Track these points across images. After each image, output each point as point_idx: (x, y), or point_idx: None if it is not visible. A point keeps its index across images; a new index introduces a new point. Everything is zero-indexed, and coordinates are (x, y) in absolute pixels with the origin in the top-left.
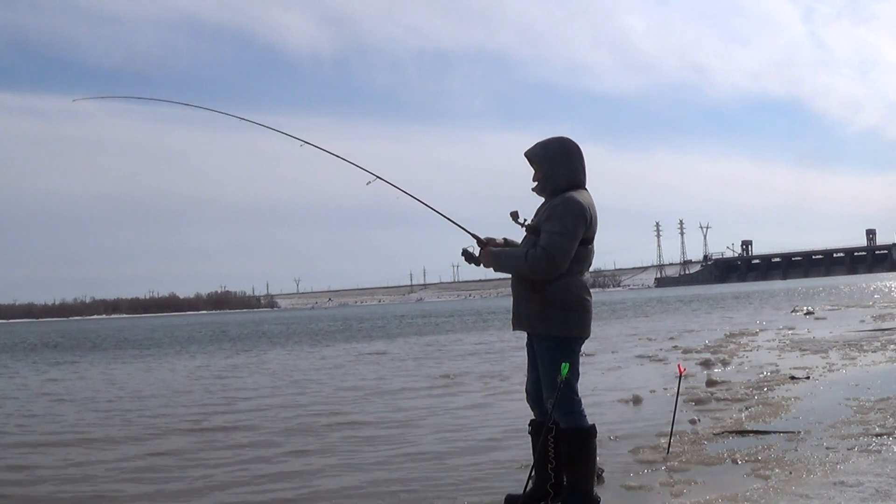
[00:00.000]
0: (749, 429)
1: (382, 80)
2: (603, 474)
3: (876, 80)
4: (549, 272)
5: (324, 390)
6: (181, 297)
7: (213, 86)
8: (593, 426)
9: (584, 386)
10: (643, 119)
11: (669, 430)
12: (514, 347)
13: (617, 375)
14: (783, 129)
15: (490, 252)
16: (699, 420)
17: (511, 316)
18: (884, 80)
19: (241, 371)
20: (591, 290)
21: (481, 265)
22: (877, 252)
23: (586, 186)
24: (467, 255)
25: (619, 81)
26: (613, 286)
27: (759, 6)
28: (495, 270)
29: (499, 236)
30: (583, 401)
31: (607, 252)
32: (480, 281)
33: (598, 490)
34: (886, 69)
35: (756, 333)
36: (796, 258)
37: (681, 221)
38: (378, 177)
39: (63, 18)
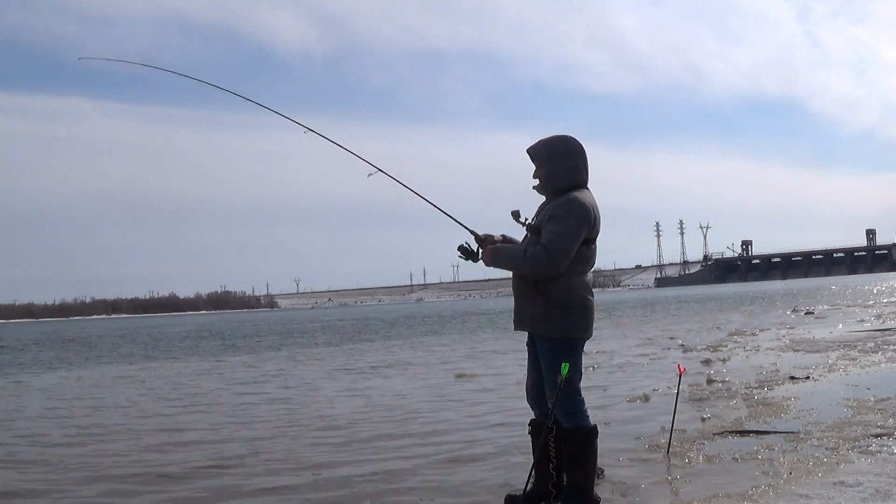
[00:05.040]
0: (749, 429)
1: (376, 80)
2: (603, 473)
3: (873, 79)
4: (548, 271)
5: (330, 395)
6: (181, 297)
7: (205, 86)
8: (595, 426)
9: (582, 386)
10: (639, 118)
11: (669, 429)
12: (515, 348)
13: (617, 375)
14: (780, 129)
15: (489, 250)
16: (699, 419)
17: (513, 316)
18: (881, 79)
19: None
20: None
21: (479, 261)
22: (877, 252)
23: (588, 186)
24: (464, 251)
25: (614, 81)
26: (613, 286)
27: (754, 5)
28: (494, 267)
29: (496, 235)
30: (584, 401)
31: (607, 252)
32: (480, 281)
33: (599, 489)
34: (883, 68)
35: (756, 333)
36: (796, 258)
37: (680, 221)
38: (379, 169)
39: (55, 18)
